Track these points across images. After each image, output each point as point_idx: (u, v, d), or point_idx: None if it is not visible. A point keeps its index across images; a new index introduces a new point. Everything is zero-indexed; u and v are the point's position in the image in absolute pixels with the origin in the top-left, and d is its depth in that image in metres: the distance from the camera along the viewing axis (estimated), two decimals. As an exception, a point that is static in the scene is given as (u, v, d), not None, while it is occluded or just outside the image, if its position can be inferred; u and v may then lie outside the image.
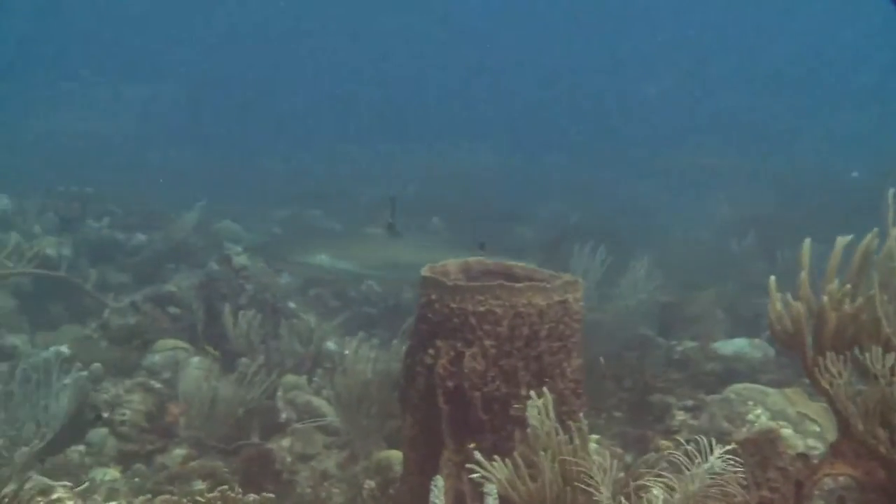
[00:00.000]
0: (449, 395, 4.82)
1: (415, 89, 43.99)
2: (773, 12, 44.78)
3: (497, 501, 3.65)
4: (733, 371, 8.41)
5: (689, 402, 7.54)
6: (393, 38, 48.48)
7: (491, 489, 3.72)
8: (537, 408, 4.00)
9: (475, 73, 45.57)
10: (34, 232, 12.49)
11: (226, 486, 3.92)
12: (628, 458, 5.55)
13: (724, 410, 7.07)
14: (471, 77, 45.21)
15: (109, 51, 39.89)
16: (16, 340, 9.07)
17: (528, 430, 4.05)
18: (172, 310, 9.44)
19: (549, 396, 4.02)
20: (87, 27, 42.97)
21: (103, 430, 7.30)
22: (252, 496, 3.97)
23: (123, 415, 7.43)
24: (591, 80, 43.43)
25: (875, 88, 35.05)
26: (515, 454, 4.02)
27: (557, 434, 3.93)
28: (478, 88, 43.86)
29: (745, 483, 3.68)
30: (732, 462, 3.49)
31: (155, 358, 8.58)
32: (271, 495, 4.04)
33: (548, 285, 4.80)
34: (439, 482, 3.64)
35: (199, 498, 3.80)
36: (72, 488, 4.68)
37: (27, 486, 4.39)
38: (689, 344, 9.20)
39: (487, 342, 4.75)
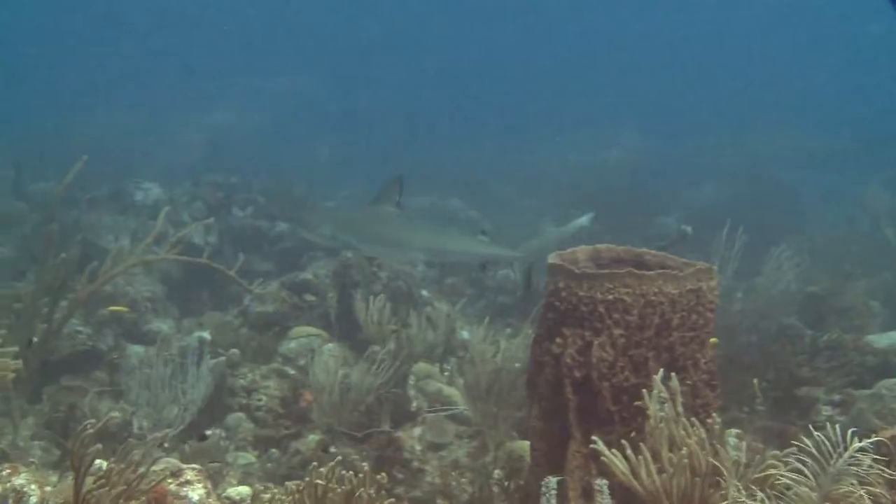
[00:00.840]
0: (576, 386, 4.65)
1: (554, 77, 43.42)
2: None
3: (609, 497, 3.47)
4: (888, 365, 7.84)
5: (837, 398, 7.08)
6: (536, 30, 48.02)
7: (602, 484, 3.55)
8: (659, 398, 3.78)
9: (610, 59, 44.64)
10: (183, 220, 12.92)
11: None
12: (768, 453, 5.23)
13: (875, 406, 6.58)
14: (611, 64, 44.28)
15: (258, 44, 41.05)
16: (162, 325, 9.38)
17: (650, 421, 3.85)
18: (309, 297, 9.56)
19: (676, 386, 3.80)
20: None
21: (240, 415, 7.47)
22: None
23: (260, 400, 7.57)
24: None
25: None
26: (641, 446, 3.84)
27: (686, 426, 3.71)
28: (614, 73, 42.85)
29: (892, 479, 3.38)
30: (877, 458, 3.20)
31: (291, 344, 8.73)
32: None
33: (680, 273, 4.55)
34: (551, 482, 3.48)
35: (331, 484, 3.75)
36: (200, 470, 4.73)
37: (158, 467, 4.46)
38: (839, 336, 8.59)
39: (616, 331, 4.55)
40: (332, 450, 6.72)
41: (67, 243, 7.67)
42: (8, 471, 4.26)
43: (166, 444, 6.44)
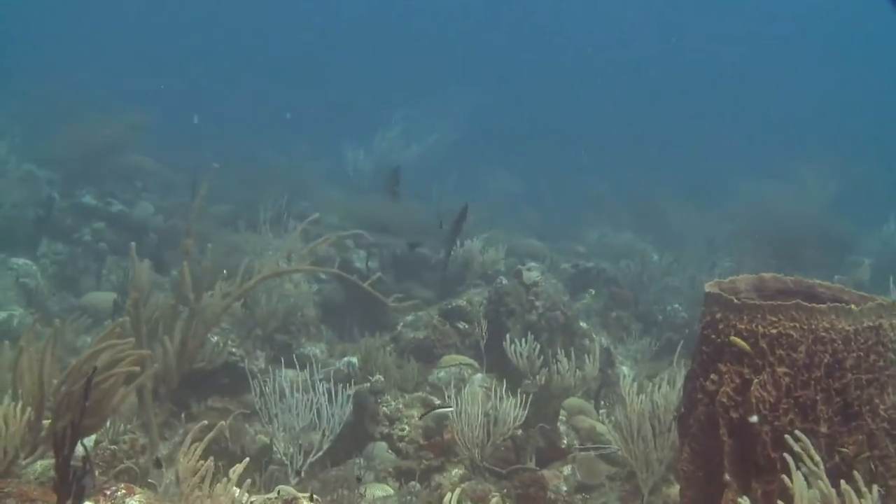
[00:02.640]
0: (732, 427, 4.17)
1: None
2: None
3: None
4: None
5: None
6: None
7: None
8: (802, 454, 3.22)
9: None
10: (346, 244, 12.97)
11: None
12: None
13: None
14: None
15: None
16: (315, 349, 9.32)
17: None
18: (462, 325, 9.28)
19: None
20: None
21: (382, 444, 7.23)
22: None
23: (403, 430, 7.31)
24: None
25: None
26: None
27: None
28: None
29: None
30: None
31: (440, 373, 8.46)
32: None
33: (856, 307, 3.95)
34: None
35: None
36: (315, 499, 4.48)
37: (273, 495, 4.26)
38: None
39: (780, 369, 4.03)
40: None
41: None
42: (123, 491, 4.14)
43: (302, 472, 6.27)
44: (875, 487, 3.34)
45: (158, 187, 16.04)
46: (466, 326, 9.27)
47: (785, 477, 3.49)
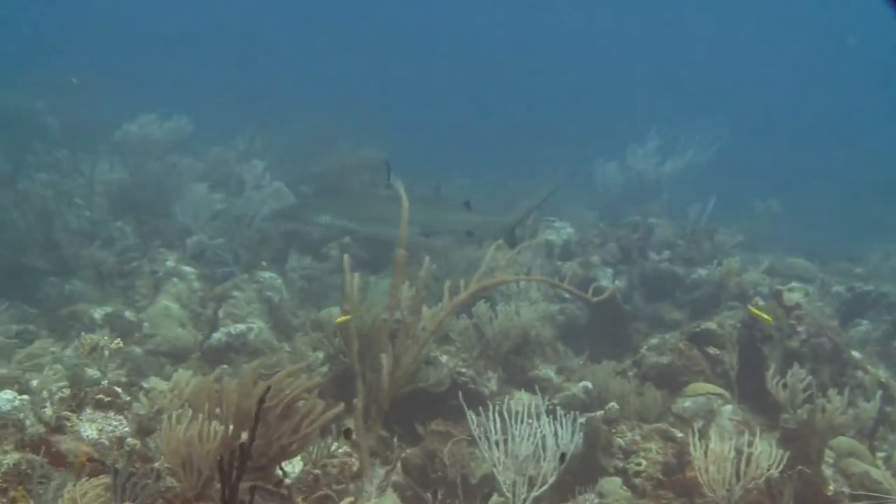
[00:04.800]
0: None
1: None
2: None
3: None
4: None
5: None
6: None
7: None
8: None
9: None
10: (591, 262, 12.40)
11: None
12: None
13: None
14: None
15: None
16: (549, 372, 8.78)
17: None
18: (711, 350, 8.38)
19: None
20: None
21: (617, 480, 6.55)
22: None
23: (639, 464, 6.60)
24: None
25: None
26: None
27: None
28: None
29: None
30: None
31: (685, 403, 7.65)
32: None
33: None
34: None
35: None
36: None
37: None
38: None
39: None
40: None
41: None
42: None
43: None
44: None
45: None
46: (717, 352, 8.36)
47: None
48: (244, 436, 4.24)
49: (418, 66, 42.43)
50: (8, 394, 4.45)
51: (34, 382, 4.79)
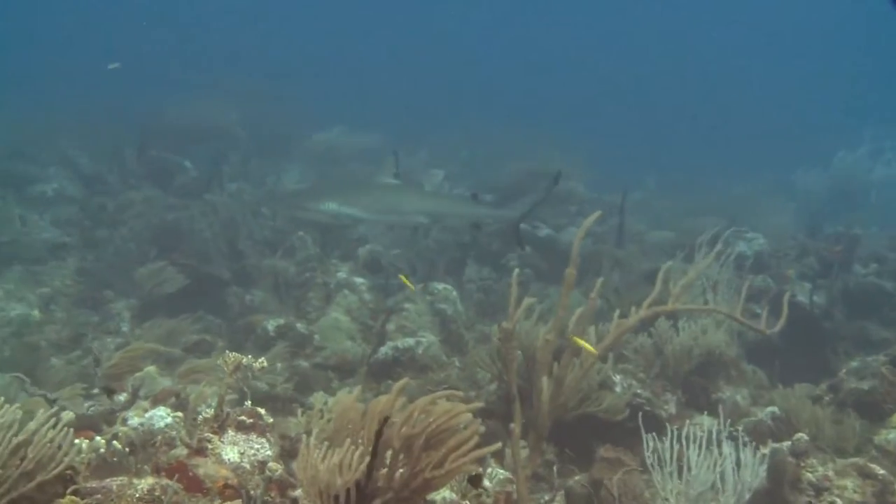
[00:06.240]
0: None
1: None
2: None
3: None
4: None
5: None
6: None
7: None
8: None
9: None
10: (787, 276, 11.57)
11: None
12: None
13: None
14: None
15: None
16: (736, 395, 8.10)
17: None
18: (920, 375, 7.50)
19: None
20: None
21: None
22: None
23: (833, 503, 5.94)
24: None
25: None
26: None
27: None
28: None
29: None
30: None
31: (890, 435, 6.86)
32: None
33: None
34: None
35: None
36: None
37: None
38: None
39: None
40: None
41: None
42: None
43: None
44: None
45: (594, 212, 15.76)
46: (925, 378, 7.47)
47: None
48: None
49: (625, 77, 41.95)
50: (162, 411, 4.46)
51: (191, 398, 4.80)
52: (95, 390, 5.99)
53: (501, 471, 5.77)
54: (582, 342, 5.49)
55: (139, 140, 15.49)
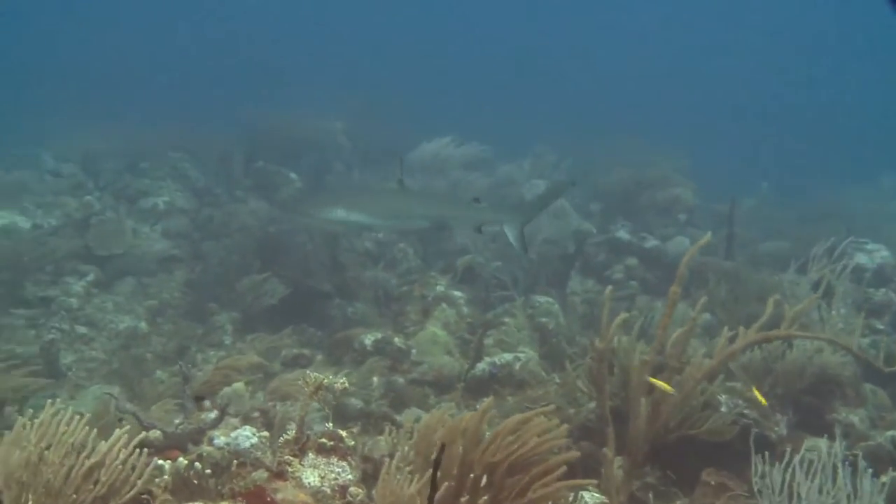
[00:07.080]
0: None
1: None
2: None
3: None
4: None
5: None
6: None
7: None
8: None
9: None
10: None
11: None
12: None
13: None
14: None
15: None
16: (853, 417, 7.61)
17: None
18: None
19: None
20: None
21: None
22: None
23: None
24: None
25: None
26: None
27: None
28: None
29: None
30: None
31: None
32: None
33: None
34: None
35: None
36: None
37: None
38: None
39: None
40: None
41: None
42: None
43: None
44: None
45: (703, 221, 15.30)
46: None
47: None
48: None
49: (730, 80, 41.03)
50: (248, 430, 4.37)
51: (278, 417, 4.72)
52: (189, 404, 5.97)
53: (598, 495, 5.52)
54: (659, 382, 5.23)
55: (246, 151, 15.66)
